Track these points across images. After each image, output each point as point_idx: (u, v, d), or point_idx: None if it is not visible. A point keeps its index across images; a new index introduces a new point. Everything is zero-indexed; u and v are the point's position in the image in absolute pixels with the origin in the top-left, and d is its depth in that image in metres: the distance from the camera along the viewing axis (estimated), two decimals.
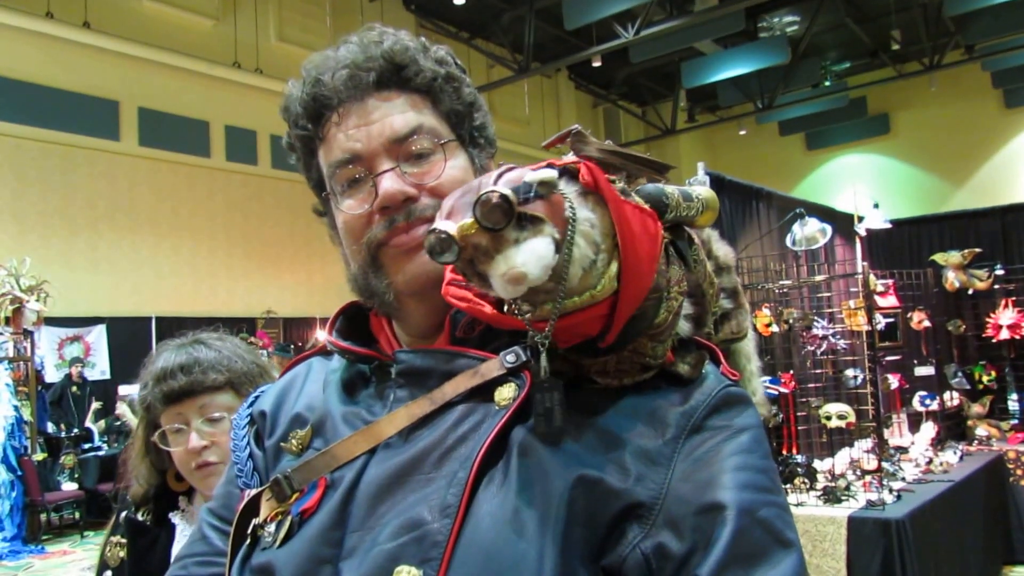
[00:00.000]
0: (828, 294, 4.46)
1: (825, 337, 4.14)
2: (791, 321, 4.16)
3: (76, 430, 9.10)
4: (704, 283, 0.86)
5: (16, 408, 7.53)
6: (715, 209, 0.87)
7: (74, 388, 9.26)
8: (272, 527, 0.83)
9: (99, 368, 10.20)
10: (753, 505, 0.70)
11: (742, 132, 17.75)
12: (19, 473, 7.34)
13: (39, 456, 8.09)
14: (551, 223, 0.66)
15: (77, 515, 8.40)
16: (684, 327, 0.81)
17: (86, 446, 9.06)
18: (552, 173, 0.67)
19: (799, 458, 4.00)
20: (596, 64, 13.16)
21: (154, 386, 1.65)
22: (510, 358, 0.79)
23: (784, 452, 4.14)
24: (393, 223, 0.86)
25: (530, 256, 0.64)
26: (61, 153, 10.19)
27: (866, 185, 13.16)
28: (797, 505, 3.83)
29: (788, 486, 3.92)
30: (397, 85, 0.88)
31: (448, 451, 0.77)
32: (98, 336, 10.19)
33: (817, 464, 4.10)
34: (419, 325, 0.90)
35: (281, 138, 0.98)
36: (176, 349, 1.72)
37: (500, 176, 0.68)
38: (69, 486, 8.24)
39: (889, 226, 6.02)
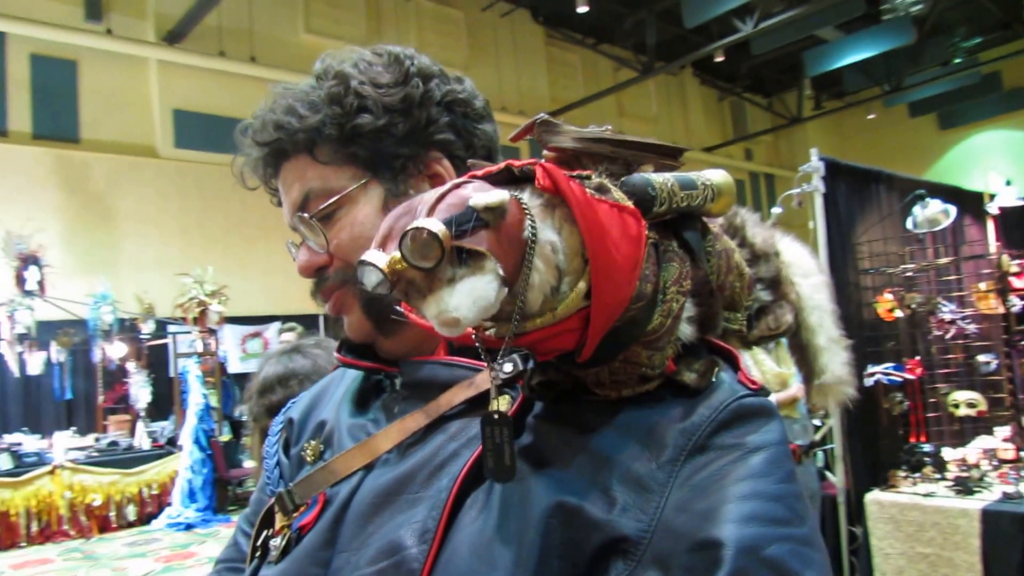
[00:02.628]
0: (956, 276, 3.97)
1: (953, 321, 3.67)
2: (913, 306, 3.71)
3: None
4: (726, 276, 0.71)
5: (205, 396, 7.92)
6: (730, 195, 0.70)
7: None
8: (278, 540, 0.76)
9: None
10: (758, 542, 0.55)
11: (871, 116, 16.63)
12: (209, 452, 7.71)
13: (225, 437, 8.47)
14: (494, 258, 0.52)
15: None
16: (686, 331, 0.65)
17: None
18: (501, 196, 0.53)
19: (926, 447, 3.56)
20: (718, 59, 12.65)
21: (257, 399, 1.66)
22: (507, 368, 0.69)
23: (911, 440, 3.71)
24: (318, 287, 0.82)
25: (465, 299, 0.52)
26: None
27: (1004, 163, 11.99)
28: (926, 496, 3.41)
29: (917, 475, 3.51)
30: (286, 156, 0.82)
31: (438, 468, 0.68)
32: (274, 332, 10.64)
33: (947, 453, 3.65)
34: (409, 341, 0.81)
35: None
36: (276, 360, 1.72)
37: (443, 197, 0.54)
38: (250, 463, 8.61)
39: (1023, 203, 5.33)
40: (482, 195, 0.53)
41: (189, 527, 7.23)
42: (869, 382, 3.71)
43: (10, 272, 7.52)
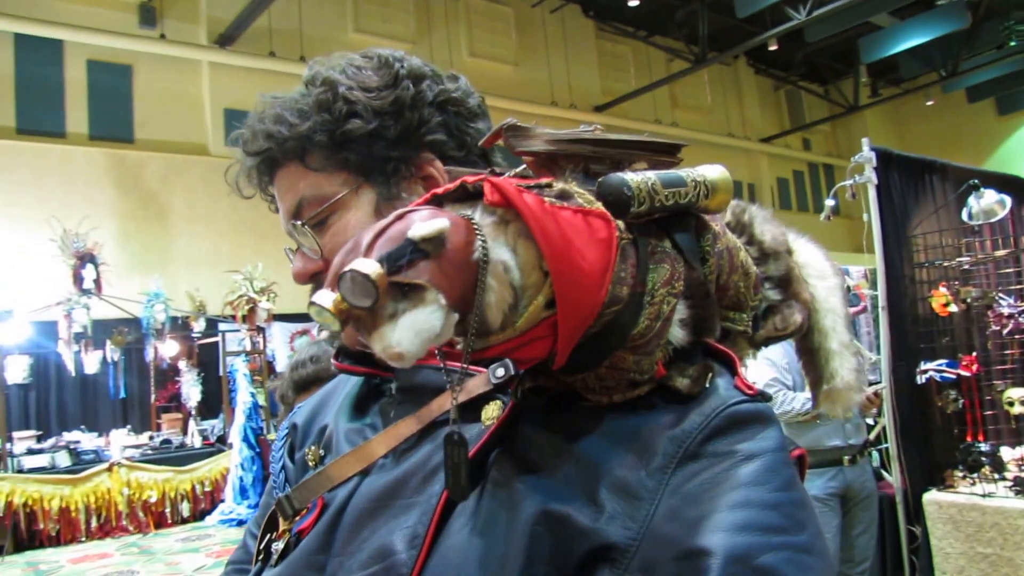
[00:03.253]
0: (1015, 269, 3.87)
1: (1012, 316, 3.58)
2: (968, 300, 3.63)
3: None
4: (729, 276, 0.70)
5: (253, 394, 8.05)
6: (727, 191, 0.67)
7: None
8: (279, 544, 0.78)
9: None
10: (750, 550, 0.55)
11: (929, 103, 16.17)
12: (258, 450, 7.85)
13: (272, 436, 8.61)
14: (436, 288, 0.53)
15: None
16: (677, 334, 0.64)
17: None
18: (439, 225, 0.53)
19: (983, 446, 3.48)
20: (772, 48, 12.45)
21: (288, 376, 1.64)
22: (499, 372, 0.70)
23: (967, 439, 3.63)
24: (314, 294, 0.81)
25: (407, 333, 0.52)
26: None
27: None
28: (985, 496, 3.34)
29: (975, 476, 3.44)
30: (277, 164, 0.83)
31: (431, 474, 0.69)
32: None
33: (1005, 453, 3.56)
34: None
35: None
36: (311, 343, 1.71)
37: (383, 232, 0.55)
38: None
39: None
40: (419, 226, 0.53)
41: (241, 523, 7.39)
42: (922, 379, 3.62)
43: (67, 271, 7.76)
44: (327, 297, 0.53)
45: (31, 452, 7.47)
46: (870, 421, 4.03)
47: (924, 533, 3.48)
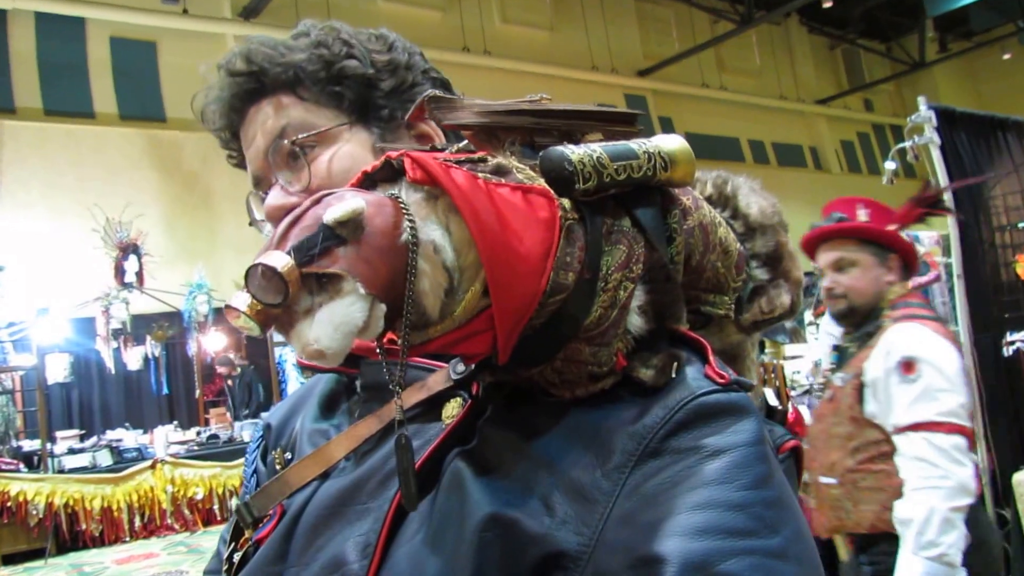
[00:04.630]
0: None
1: None
2: None
3: None
4: (704, 256, 0.67)
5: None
6: (687, 161, 0.62)
7: None
8: (238, 555, 0.77)
9: None
10: (709, 556, 0.51)
11: (1006, 56, 15.59)
12: None
13: None
14: (354, 276, 0.51)
15: None
16: (635, 322, 0.61)
17: None
18: (353, 206, 0.51)
19: None
20: (827, 4, 12.11)
21: None
22: (459, 367, 0.68)
23: None
24: None
25: (325, 328, 0.50)
26: None
27: None
28: None
29: None
30: (262, 93, 0.81)
31: (387, 477, 0.67)
32: None
33: None
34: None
35: None
36: None
37: (298, 220, 0.52)
38: None
39: None
40: (333, 209, 0.51)
41: None
42: (1009, 351, 3.49)
43: (109, 263, 7.74)
44: (242, 299, 0.50)
45: (72, 452, 7.56)
46: None
47: (1015, 516, 3.37)
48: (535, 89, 0.68)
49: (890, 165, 4.24)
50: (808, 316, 6.11)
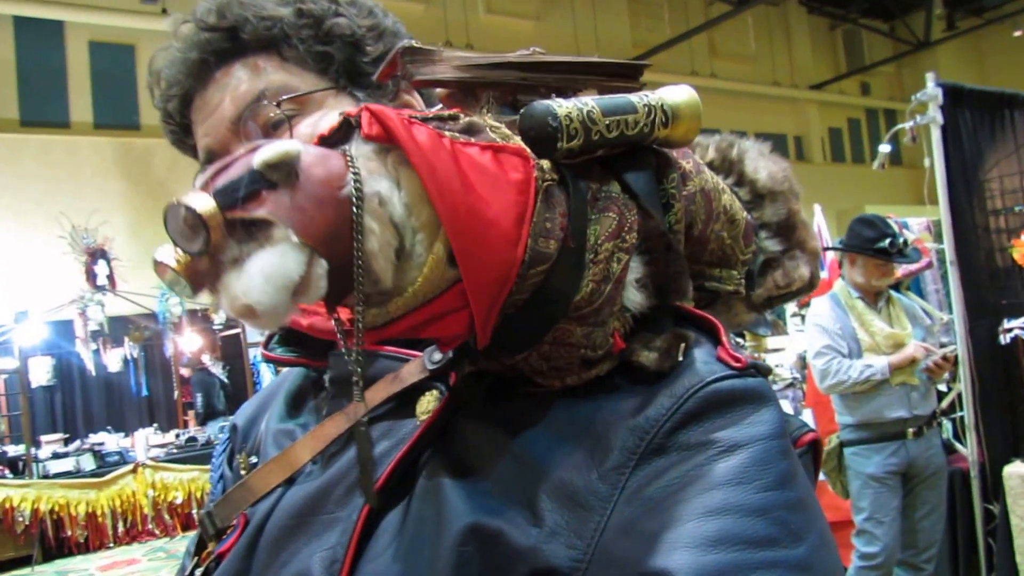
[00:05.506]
0: None
1: None
2: None
3: None
4: (707, 225, 0.61)
5: None
6: (693, 117, 0.58)
7: None
8: (199, 571, 0.71)
9: None
10: (725, 572, 0.45)
11: (1017, 33, 15.46)
12: None
13: None
14: (286, 223, 0.46)
15: None
16: (635, 298, 0.55)
17: None
18: (286, 148, 0.47)
19: None
20: None
21: None
22: (436, 356, 0.62)
23: None
24: None
25: (253, 280, 0.46)
26: None
27: None
28: None
29: None
30: (235, 54, 0.72)
31: (357, 482, 0.60)
32: None
33: None
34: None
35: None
36: None
37: (231, 163, 0.48)
38: None
39: None
40: (262, 151, 0.46)
41: None
42: (1005, 339, 3.45)
43: (80, 268, 7.84)
44: (167, 252, 0.47)
45: (56, 456, 7.57)
46: (943, 387, 3.83)
47: (1003, 511, 3.35)
48: None
49: (884, 148, 4.18)
50: (791, 307, 6.05)
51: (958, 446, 3.74)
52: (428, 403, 0.62)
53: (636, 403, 0.53)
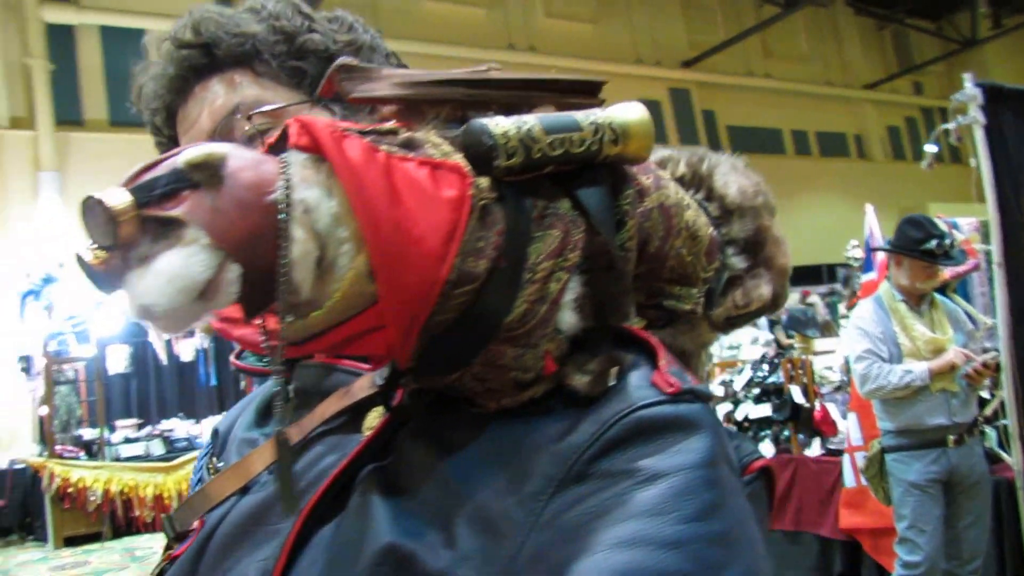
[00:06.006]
0: None
1: None
2: None
3: None
4: (665, 242, 0.58)
5: None
6: (645, 135, 0.55)
7: None
8: (157, 570, 0.70)
9: None
10: None
11: None
12: None
13: None
14: (197, 224, 0.45)
15: None
16: (568, 320, 0.52)
17: None
18: (211, 149, 0.47)
19: None
20: None
21: None
22: (385, 372, 0.60)
23: None
24: None
25: (157, 279, 0.44)
26: None
27: None
28: None
29: None
30: (213, 69, 0.71)
31: (300, 495, 0.58)
32: None
33: None
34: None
35: None
36: None
37: (155, 164, 0.47)
38: None
39: None
40: (187, 151, 0.46)
41: None
42: None
43: None
44: (85, 246, 0.47)
45: (128, 441, 7.76)
46: (985, 395, 3.60)
47: None
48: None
49: (931, 148, 3.99)
50: (842, 309, 5.82)
51: (1003, 455, 3.52)
52: (373, 419, 0.60)
53: (563, 428, 0.51)
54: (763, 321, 6.44)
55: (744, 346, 6.09)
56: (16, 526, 7.42)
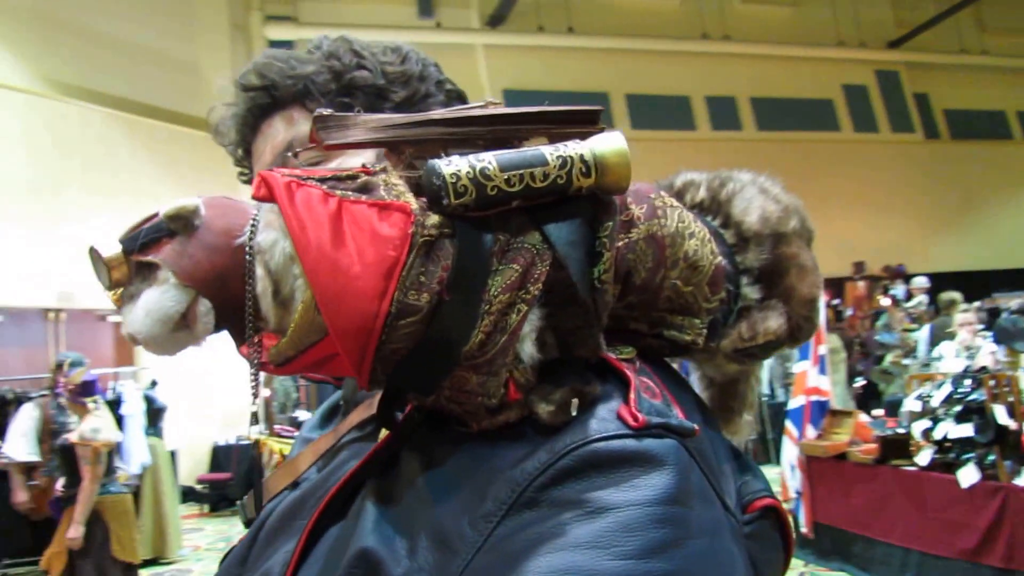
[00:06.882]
0: None
1: None
2: None
3: None
4: (660, 273, 0.58)
5: None
6: (620, 165, 0.54)
7: None
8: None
9: None
10: None
11: None
12: None
13: None
14: (170, 266, 0.53)
15: None
16: (529, 350, 0.53)
17: None
18: (186, 202, 0.54)
19: None
20: None
21: None
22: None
23: None
24: None
25: (139, 314, 0.53)
26: None
27: None
28: None
29: None
30: (276, 108, 0.76)
31: (325, 495, 0.64)
32: None
33: None
34: None
35: (761, 100, 0.80)
36: None
37: (151, 217, 0.57)
38: None
39: None
40: (167, 205, 0.54)
41: None
42: None
43: None
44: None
45: None
46: None
47: None
48: (772, 76, 0.58)
49: None
50: None
51: None
52: (384, 431, 0.64)
53: (523, 454, 0.52)
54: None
55: (946, 358, 5.60)
56: (241, 497, 8.25)
